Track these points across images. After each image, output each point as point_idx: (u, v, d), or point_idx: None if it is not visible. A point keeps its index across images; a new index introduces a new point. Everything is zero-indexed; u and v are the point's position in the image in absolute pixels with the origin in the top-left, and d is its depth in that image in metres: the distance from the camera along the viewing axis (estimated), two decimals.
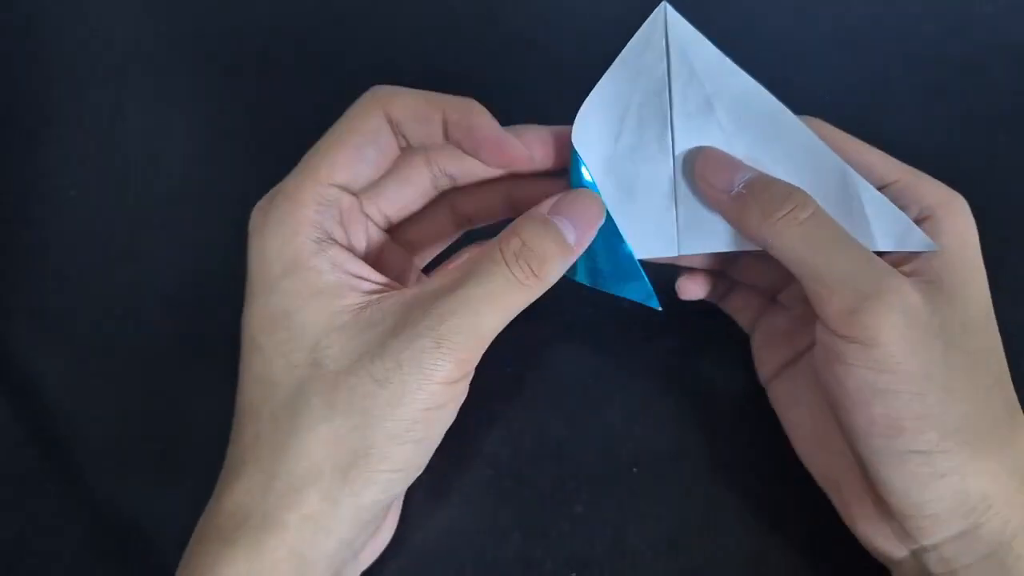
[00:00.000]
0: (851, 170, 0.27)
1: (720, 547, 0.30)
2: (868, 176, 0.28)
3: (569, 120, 0.30)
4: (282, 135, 0.40)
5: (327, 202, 0.27)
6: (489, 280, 0.25)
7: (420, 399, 0.25)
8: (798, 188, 0.26)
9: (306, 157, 0.28)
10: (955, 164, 0.38)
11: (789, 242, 0.26)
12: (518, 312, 0.26)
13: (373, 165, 0.28)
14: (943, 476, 0.24)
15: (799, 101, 0.40)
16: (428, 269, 0.33)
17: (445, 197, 0.31)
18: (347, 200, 0.28)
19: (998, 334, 0.26)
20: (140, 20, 0.44)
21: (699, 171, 0.28)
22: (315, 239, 0.27)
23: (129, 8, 0.45)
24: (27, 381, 0.35)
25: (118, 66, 0.43)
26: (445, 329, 0.25)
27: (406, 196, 0.30)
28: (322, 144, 0.28)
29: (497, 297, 0.25)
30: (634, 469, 0.31)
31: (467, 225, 0.32)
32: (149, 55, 0.43)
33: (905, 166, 0.29)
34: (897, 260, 0.27)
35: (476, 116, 0.27)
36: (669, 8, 0.28)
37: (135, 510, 0.32)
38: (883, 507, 0.26)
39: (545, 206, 0.27)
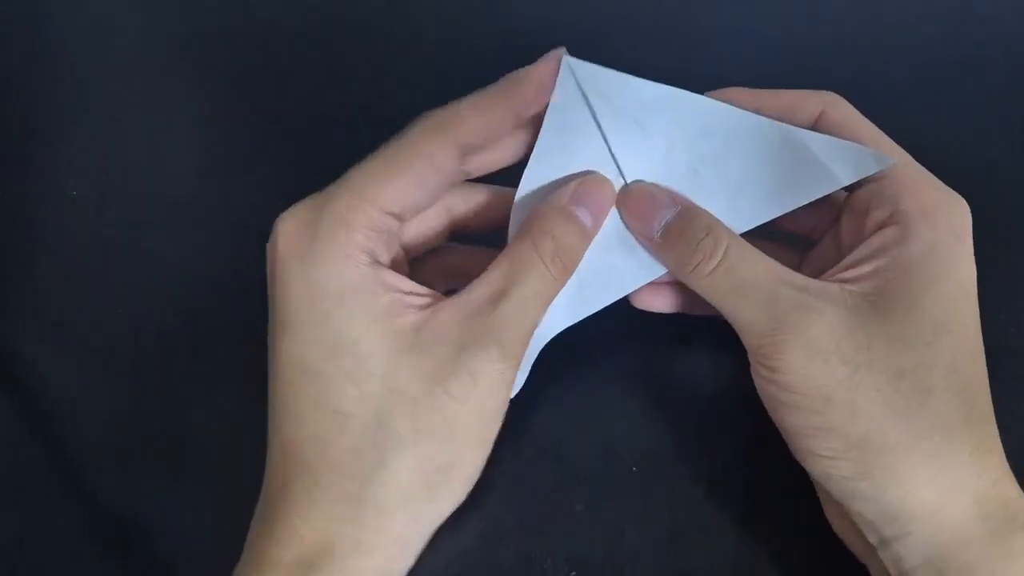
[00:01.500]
0: (785, 125, 0.28)
1: (720, 547, 0.30)
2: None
3: None
4: (283, 136, 0.41)
5: (379, 229, 0.27)
6: (533, 281, 0.27)
7: (493, 404, 0.27)
8: (712, 228, 0.27)
9: (355, 175, 0.27)
10: (955, 164, 0.38)
11: (701, 290, 0.27)
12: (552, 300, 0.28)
13: (431, 192, 0.28)
14: (854, 480, 0.25)
15: None
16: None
17: (443, 203, 0.31)
18: (395, 226, 0.28)
19: (964, 346, 0.26)
20: (141, 20, 0.44)
21: (624, 218, 0.29)
22: (368, 263, 0.26)
23: (130, 8, 0.45)
24: (27, 381, 0.35)
25: (118, 66, 0.43)
26: (506, 336, 0.26)
27: (423, 198, 0.29)
28: (378, 168, 0.27)
29: (540, 295, 0.27)
30: (634, 469, 0.31)
31: (460, 230, 0.32)
32: (150, 55, 0.43)
33: (904, 165, 0.28)
34: (851, 263, 0.27)
35: (532, 76, 0.28)
36: (569, 58, 0.28)
37: (135, 510, 0.32)
38: None
39: (566, 194, 0.28)
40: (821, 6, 0.43)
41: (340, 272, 0.26)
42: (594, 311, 0.31)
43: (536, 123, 0.29)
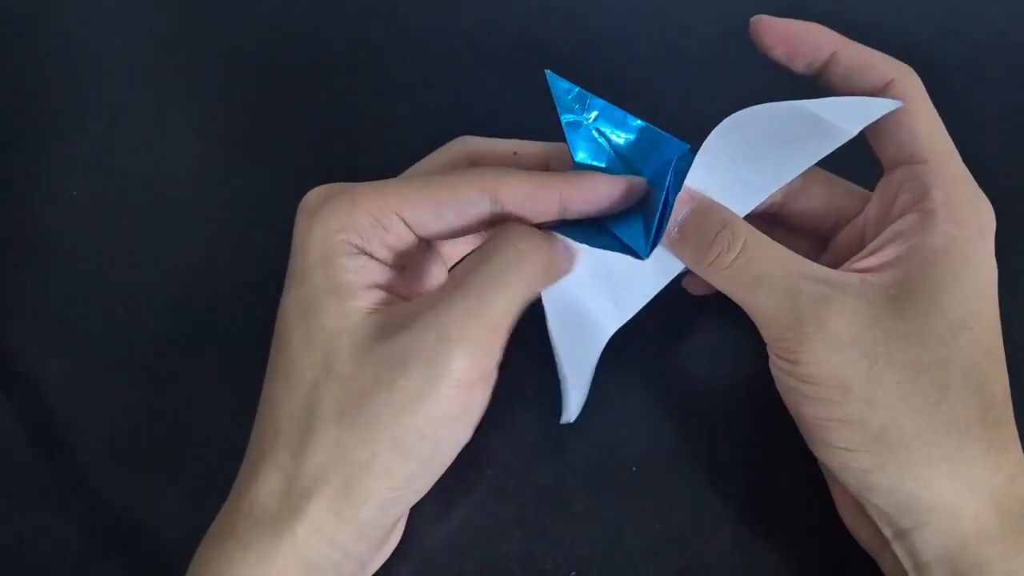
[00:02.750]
0: (793, 103, 0.28)
1: (719, 546, 0.30)
2: (898, 139, 0.28)
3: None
4: (283, 136, 0.41)
5: (384, 223, 0.26)
6: (492, 259, 0.25)
7: (431, 405, 0.24)
8: (729, 221, 0.27)
9: (388, 180, 0.27)
10: None
11: (720, 283, 0.27)
12: (530, 293, 0.26)
13: (449, 226, 0.27)
14: (870, 472, 0.25)
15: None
16: None
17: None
18: (406, 236, 0.27)
19: (982, 344, 0.25)
20: (141, 21, 0.44)
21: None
22: (353, 242, 0.26)
23: (130, 9, 0.45)
24: (28, 381, 0.35)
25: (119, 66, 0.43)
26: (451, 319, 0.24)
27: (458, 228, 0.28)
28: (408, 179, 0.27)
29: (504, 276, 0.25)
30: (634, 468, 0.31)
31: None
32: (150, 55, 0.43)
33: (946, 156, 0.27)
34: (871, 250, 0.27)
35: (599, 184, 0.27)
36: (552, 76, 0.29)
37: (135, 510, 0.32)
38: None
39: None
40: (821, 6, 0.43)
41: (326, 238, 0.26)
42: (628, 318, 0.30)
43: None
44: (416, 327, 0.24)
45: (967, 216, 0.26)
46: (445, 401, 0.24)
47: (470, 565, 0.30)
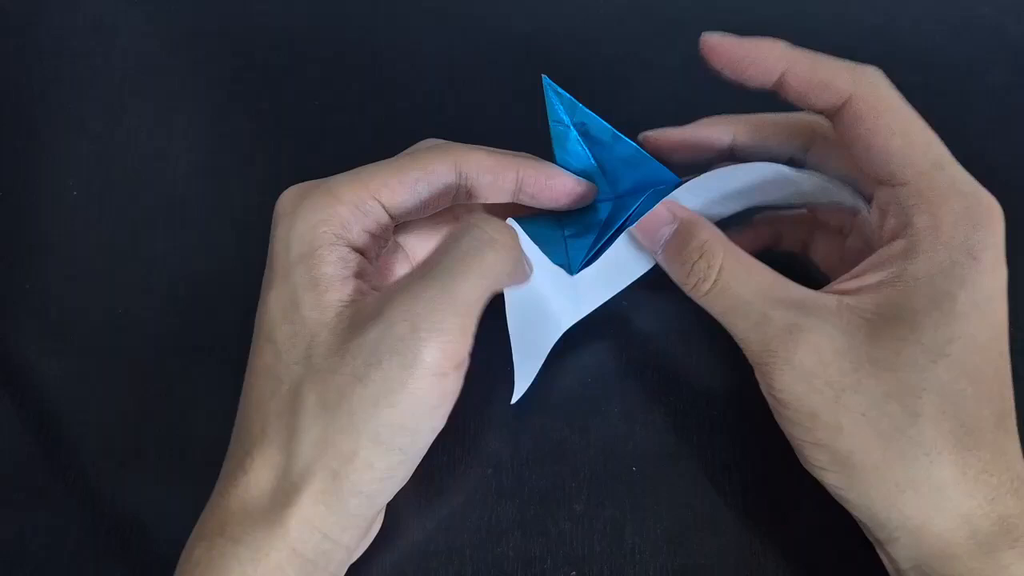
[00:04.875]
0: (769, 166, 0.29)
1: (719, 546, 0.30)
2: (876, 160, 0.27)
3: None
4: (283, 136, 0.41)
5: (363, 209, 0.27)
6: (457, 247, 0.25)
7: (405, 396, 0.24)
8: (706, 249, 0.27)
9: (359, 168, 0.28)
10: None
11: (703, 306, 0.28)
12: (498, 280, 0.26)
13: (422, 201, 0.28)
14: (842, 489, 0.26)
15: None
16: None
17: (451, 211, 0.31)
18: (384, 219, 0.28)
19: (966, 368, 0.25)
20: (141, 20, 0.44)
21: (636, 230, 0.30)
22: (335, 232, 0.26)
23: (130, 8, 0.45)
24: (28, 381, 0.35)
25: (119, 66, 0.43)
26: (420, 308, 0.24)
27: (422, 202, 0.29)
28: (379, 164, 0.28)
29: (469, 263, 0.25)
30: (634, 468, 0.31)
31: None
32: (150, 55, 0.43)
33: (932, 167, 0.26)
34: (854, 274, 0.27)
35: (553, 172, 0.29)
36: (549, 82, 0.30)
37: (135, 510, 0.32)
38: None
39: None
40: (820, 6, 0.43)
41: (307, 234, 0.26)
42: (592, 308, 0.31)
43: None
44: (387, 318, 0.24)
45: (955, 237, 0.25)
46: (420, 392, 0.24)
47: (470, 565, 0.30)
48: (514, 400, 0.31)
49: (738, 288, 0.27)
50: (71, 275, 0.37)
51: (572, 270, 0.29)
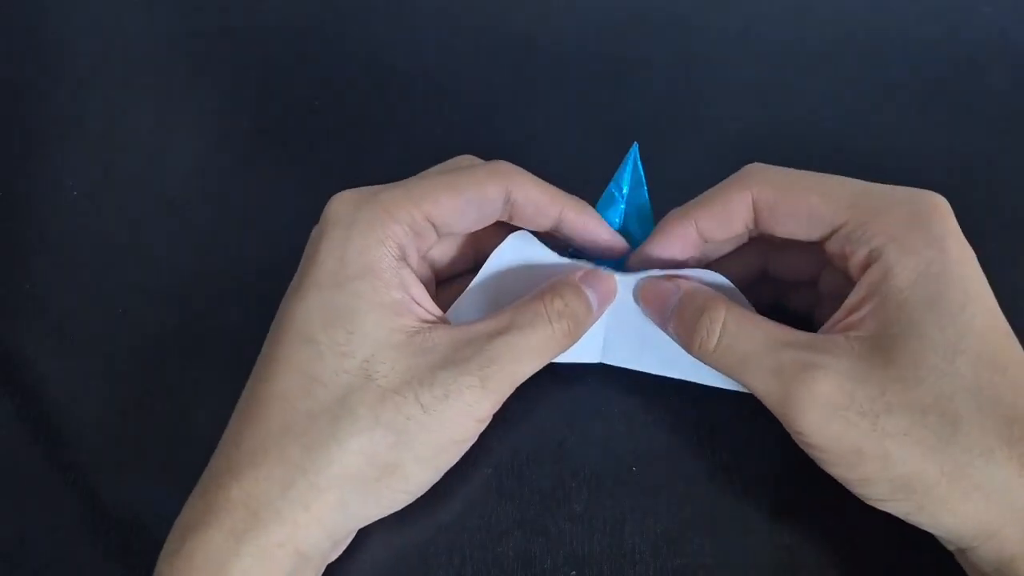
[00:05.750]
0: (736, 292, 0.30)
1: (719, 546, 0.30)
2: (809, 224, 0.27)
3: (568, 120, 0.30)
4: (283, 135, 0.41)
5: (417, 229, 0.28)
6: (533, 332, 0.27)
7: (456, 430, 0.27)
8: (708, 307, 0.28)
9: (411, 181, 0.29)
10: (954, 164, 0.38)
11: (714, 366, 0.28)
12: (547, 363, 0.28)
13: (469, 221, 0.29)
14: (911, 514, 0.26)
15: (799, 102, 0.40)
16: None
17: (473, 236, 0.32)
18: (431, 237, 0.29)
19: (985, 358, 0.25)
20: (141, 20, 0.44)
21: (642, 306, 0.30)
22: (395, 255, 0.27)
23: (130, 8, 0.45)
24: (27, 381, 0.35)
25: (119, 66, 0.43)
26: (491, 371, 0.27)
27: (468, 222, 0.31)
28: (432, 180, 0.29)
29: (537, 348, 0.28)
30: (634, 468, 0.31)
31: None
32: (150, 56, 0.43)
33: (858, 197, 0.27)
34: (848, 309, 0.27)
35: (593, 222, 0.30)
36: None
37: (135, 510, 0.32)
38: None
39: (577, 274, 0.30)
40: (820, 7, 0.43)
41: (368, 250, 0.27)
42: (600, 361, 0.32)
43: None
44: (462, 368, 0.26)
45: (914, 240, 0.26)
46: (468, 430, 0.28)
47: (470, 565, 0.30)
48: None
49: (743, 341, 0.27)
50: (71, 275, 0.37)
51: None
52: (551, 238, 0.31)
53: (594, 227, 0.30)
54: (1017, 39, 0.42)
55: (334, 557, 0.29)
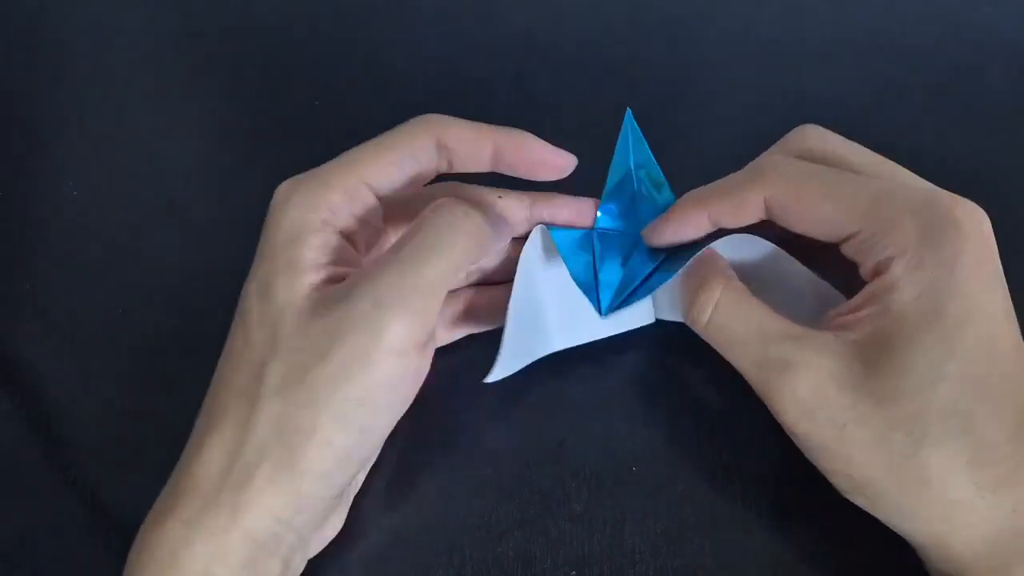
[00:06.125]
0: (779, 252, 0.29)
1: (719, 546, 0.30)
2: (822, 229, 0.27)
3: (568, 119, 0.30)
4: (282, 135, 0.41)
5: (353, 194, 0.28)
6: (423, 229, 0.26)
7: (367, 372, 0.25)
8: (704, 282, 0.28)
9: (345, 153, 0.29)
10: (955, 164, 0.38)
11: (706, 338, 0.29)
12: (463, 262, 0.27)
13: (408, 177, 0.29)
14: (869, 509, 0.26)
15: (799, 102, 0.40)
16: None
17: None
18: (372, 201, 0.28)
19: (968, 385, 0.24)
20: (141, 20, 0.44)
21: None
22: (323, 218, 0.27)
23: (130, 8, 0.45)
24: (27, 380, 0.35)
25: (118, 66, 0.43)
26: (384, 286, 0.25)
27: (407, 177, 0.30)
28: (364, 146, 0.29)
29: (434, 244, 0.26)
30: (634, 468, 0.31)
31: (476, 275, 0.33)
32: (151, 55, 0.43)
33: (873, 204, 0.26)
34: (850, 307, 0.27)
35: (529, 141, 0.29)
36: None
37: (135, 510, 0.32)
38: None
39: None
40: (821, 7, 0.43)
41: (298, 220, 0.27)
42: (586, 340, 0.32)
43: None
44: (352, 297, 0.25)
45: (925, 258, 0.25)
46: (381, 368, 0.25)
47: (470, 565, 0.30)
48: (487, 380, 0.30)
49: (733, 324, 0.28)
50: (71, 275, 0.37)
51: (602, 313, 0.31)
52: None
53: (530, 146, 0.29)
54: (1017, 39, 0.42)
55: (313, 549, 0.28)
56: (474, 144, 0.29)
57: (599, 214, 0.32)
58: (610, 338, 0.33)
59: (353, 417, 0.25)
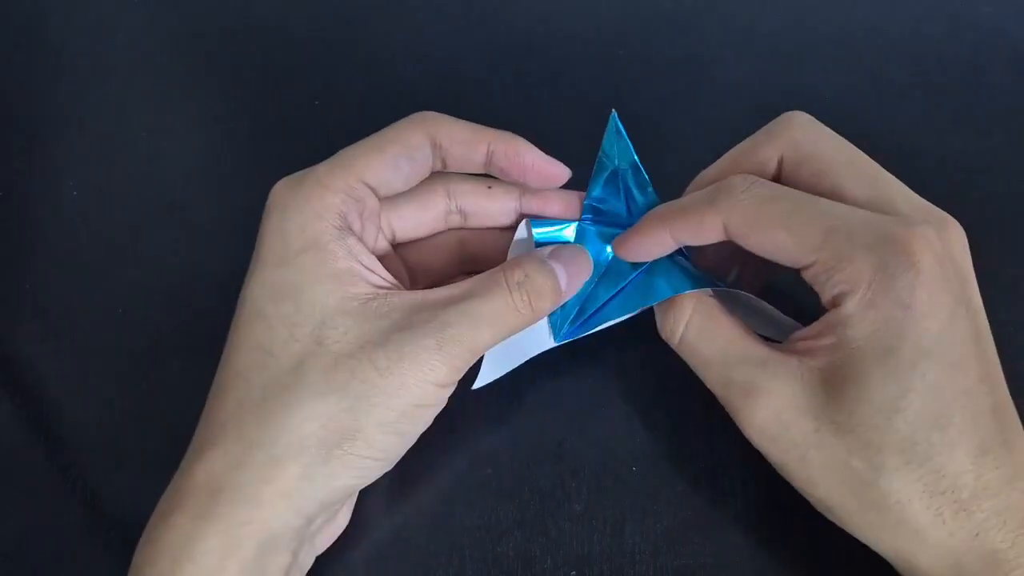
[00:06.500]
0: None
1: (719, 546, 0.30)
2: (779, 256, 0.27)
3: (567, 118, 0.30)
4: (282, 135, 0.41)
5: (354, 196, 0.28)
6: (491, 300, 0.27)
7: (413, 394, 0.26)
8: (676, 304, 0.29)
9: (341, 152, 0.29)
10: (955, 164, 0.38)
11: (681, 355, 0.30)
12: (508, 336, 0.28)
13: (404, 176, 0.30)
14: (839, 523, 0.27)
15: (800, 101, 0.40)
16: None
17: (456, 234, 0.33)
18: (372, 201, 0.29)
19: (926, 417, 0.24)
20: (141, 20, 0.44)
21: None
22: (337, 225, 0.28)
23: (130, 8, 0.45)
24: (27, 381, 0.35)
25: (118, 66, 0.43)
26: (448, 335, 0.26)
27: (418, 219, 0.32)
28: (360, 145, 0.29)
29: (495, 317, 0.27)
30: (634, 468, 0.31)
31: (471, 266, 0.33)
32: (150, 55, 0.43)
33: (829, 236, 0.25)
34: (810, 334, 0.27)
35: (523, 147, 0.30)
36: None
37: (135, 510, 0.32)
38: None
39: (545, 251, 0.30)
40: (821, 6, 0.43)
41: (308, 225, 0.27)
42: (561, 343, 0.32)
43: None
44: (418, 330, 0.26)
45: (878, 294, 0.25)
46: (429, 396, 0.27)
47: (470, 565, 0.30)
48: (474, 387, 0.31)
49: (701, 344, 0.28)
50: (71, 275, 0.37)
51: (555, 339, 0.31)
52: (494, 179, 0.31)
53: (524, 152, 0.30)
54: (1017, 39, 0.42)
55: (321, 545, 0.28)
56: (468, 145, 0.29)
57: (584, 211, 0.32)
58: (610, 338, 0.33)
59: (396, 426, 0.26)
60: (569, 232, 0.32)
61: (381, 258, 0.30)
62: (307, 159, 0.39)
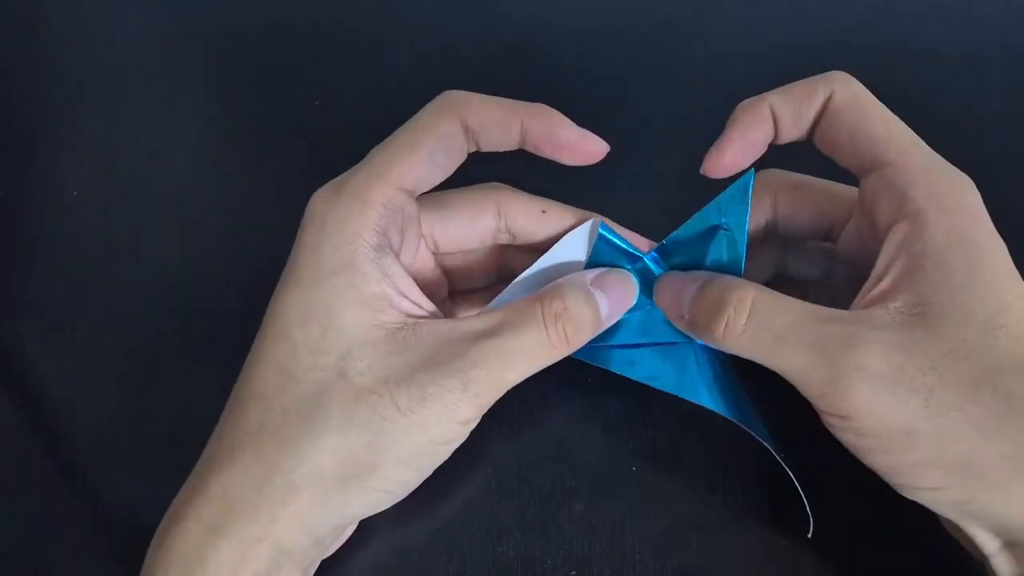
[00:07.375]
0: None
1: (719, 546, 0.30)
2: (866, 147, 0.27)
3: (569, 117, 0.30)
4: (282, 136, 0.41)
5: (393, 207, 0.27)
6: (524, 335, 0.26)
7: (435, 432, 0.26)
8: (734, 285, 0.26)
9: (375, 155, 0.27)
10: (955, 164, 0.38)
11: (742, 350, 0.26)
12: (538, 370, 0.27)
13: (441, 170, 0.28)
14: (964, 504, 0.24)
15: None
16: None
17: (500, 245, 0.32)
18: (410, 207, 0.28)
19: (1021, 341, 0.23)
20: (141, 20, 0.44)
21: (660, 305, 0.29)
22: (374, 245, 0.26)
23: (130, 8, 0.45)
24: (27, 381, 0.35)
25: (118, 66, 0.43)
26: (474, 375, 0.25)
27: (464, 234, 0.30)
28: (393, 144, 0.27)
29: (528, 353, 0.26)
30: (634, 468, 0.31)
31: (511, 276, 0.32)
32: (150, 55, 0.43)
33: (914, 148, 0.26)
34: (878, 275, 0.26)
35: (557, 122, 0.28)
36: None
37: (135, 510, 0.32)
38: None
39: (588, 276, 0.28)
40: (820, 6, 0.43)
41: (346, 245, 0.26)
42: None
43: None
44: (443, 370, 0.25)
45: (954, 203, 0.25)
46: (451, 433, 0.26)
47: (470, 565, 0.30)
48: None
49: (779, 315, 0.25)
50: (71, 275, 0.37)
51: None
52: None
53: (557, 127, 0.28)
54: (1017, 39, 0.42)
55: (328, 554, 0.29)
56: (501, 125, 0.27)
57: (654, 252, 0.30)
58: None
59: (415, 462, 0.26)
60: (633, 257, 0.30)
61: (420, 270, 0.30)
62: (307, 159, 0.40)
